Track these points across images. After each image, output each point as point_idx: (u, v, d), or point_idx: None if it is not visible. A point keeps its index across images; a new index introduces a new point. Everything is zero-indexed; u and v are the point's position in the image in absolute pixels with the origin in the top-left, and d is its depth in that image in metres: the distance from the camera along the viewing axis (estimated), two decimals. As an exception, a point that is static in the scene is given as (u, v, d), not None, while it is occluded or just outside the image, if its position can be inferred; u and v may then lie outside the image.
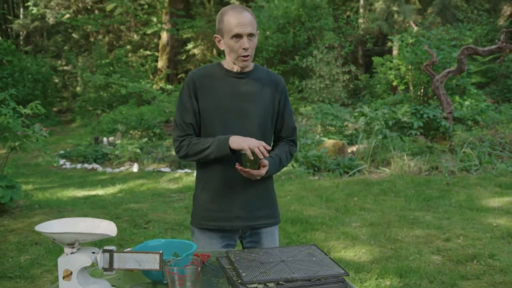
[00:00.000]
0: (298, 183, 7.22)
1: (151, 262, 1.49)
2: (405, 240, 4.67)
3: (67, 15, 20.01)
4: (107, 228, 1.57)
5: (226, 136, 2.05)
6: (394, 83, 11.81)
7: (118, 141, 10.17)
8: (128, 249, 1.68)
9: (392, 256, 4.24)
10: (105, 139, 10.86)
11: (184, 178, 7.98)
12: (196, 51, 20.07)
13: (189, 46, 19.94)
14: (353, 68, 14.99)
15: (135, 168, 8.90)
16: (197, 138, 2.15)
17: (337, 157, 8.21)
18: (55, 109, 19.20)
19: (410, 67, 10.70)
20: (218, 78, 2.18)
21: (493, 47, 9.56)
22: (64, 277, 1.49)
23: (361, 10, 17.70)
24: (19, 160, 9.51)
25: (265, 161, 2.08)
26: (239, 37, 2.07)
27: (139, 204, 6.23)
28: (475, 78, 13.54)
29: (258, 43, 13.83)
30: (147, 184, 7.66)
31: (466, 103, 10.40)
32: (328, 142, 8.59)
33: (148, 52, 21.68)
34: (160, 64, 19.74)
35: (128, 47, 21.29)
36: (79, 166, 9.48)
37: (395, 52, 14.35)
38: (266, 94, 2.22)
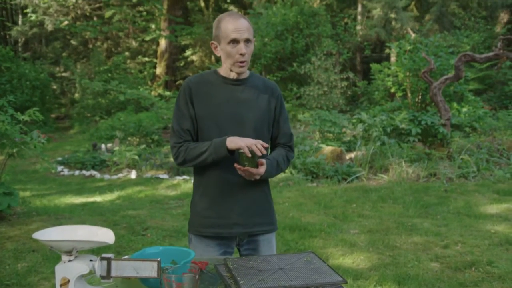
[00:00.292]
0: (296, 190, 7.22)
1: (149, 270, 1.49)
2: (404, 247, 4.66)
3: (66, 22, 20.03)
4: (105, 236, 1.57)
5: (223, 138, 2.06)
6: (392, 90, 11.84)
7: (116, 148, 10.16)
8: (126, 257, 1.67)
9: (391, 263, 4.23)
10: (103, 146, 10.84)
11: (182, 185, 7.97)
12: (195, 58, 20.11)
13: (188, 53, 19.99)
14: (351, 75, 15.03)
15: (133, 175, 8.88)
16: (195, 143, 2.15)
17: (335, 164, 8.21)
18: (53, 116, 19.19)
19: (408, 74, 10.73)
20: (214, 85, 2.19)
21: (491, 54, 9.59)
22: (62, 285, 1.48)
23: (359, 17, 17.77)
24: (17, 167, 9.48)
25: (263, 160, 2.08)
26: (236, 43, 2.09)
27: (137, 211, 6.22)
28: (473, 85, 13.59)
29: (257, 50, 13.89)
30: (145, 191, 7.65)
31: (464, 110, 10.42)
32: (326, 149, 8.60)
33: (147, 59, 21.71)
34: (159, 71, 19.77)
35: (127, 54, 21.32)
36: (77, 173, 9.47)
37: (393, 59, 14.40)
38: (262, 101, 2.23)
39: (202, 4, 21.71)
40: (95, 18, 21.74)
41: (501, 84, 14.48)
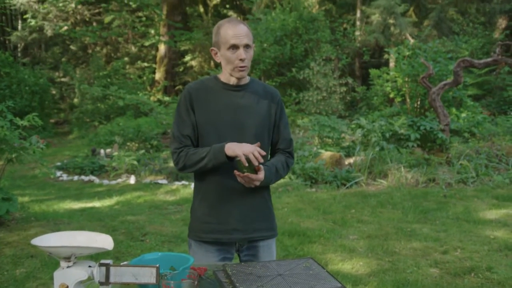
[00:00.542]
0: (296, 195, 7.22)
1: (148, 276, 1.49)
2: (403, 253, 4.66)
3: (65, 27, 20.06)
4: (104, 242, 1.56)
5: (222, 144, 2.07)
6: (391, 95, 11.86)
7: (115, 153, 10.15)
8: (125, 263, 1.67)
9: (390, 269, 4.23)
10: (102, 151, 10.84)
11: (181, 190, 7.96)
12: (194, 63, 20.15)
13: (187, 58, 20.03)
14: (350, 80, 15.06)
15: (132, 180, 8.88)
16: (194, 149, 2.15)
17: (334, 169, 8.21)
18: (53, 121, 19.18)
19: (407, 79, 10.75)
20: (215, 91, 2.20)
21: (489, 60, 9.62)
22: (60, 291, 1.48)
23: (358, 23, 17.83)
24: (16, 172, 9.48)
25: (260, 165, 2.08)
26: (236, 48, 2.10)
27: (136, 217, 6.20)
28: (472, 90, 13.61)
29: (256, 55, 13.91)
30: (144, 196, 7.64)
31: (463, 115, 10.44)
32: (325, 154, 8.60)
33: (146, 64, 21.74)
34: (158, 76, 19.79)
35: (126, 59, 21.34)
36: (76, 178, 9.46)
37: (392, 64, 14.43)
38: (262, 107, 2.23)
39: (202, 10, 21.78)
40: (95, 24, 21.77)
41: (500, 90, 14.51)
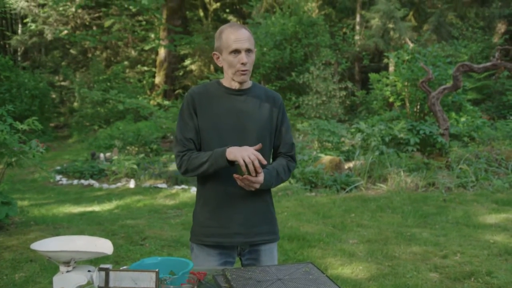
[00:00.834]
0: (295, 200, 7.21)
1: (147, 281, 1.49)
2: (402, 257, 4.65)
3: (65, 31, 20.10)
4: (103, 246, 1.56)
5: (223, 148, 2.07)
6: (391, 100, 11.87)
7: (115, 157, 10.16)
8: (124, 267, 1.67)
9: (389, 273, 4.22)
10: (102, 155, 10.84)
11: (181, 194, 7.96)
12: (194, 67, 20.17)
13: (187, 62, 20.06)
14: (350, 85, 15.09)
15: (132, 184, 8.87)
16: (197, 153, 2.16)
17: (334, 173, 8.21)
18: (52, 125, 19.20)
19: (406, 84, 10.76)
20: (217, 96, 2.21)
21: (488, 64, 9.64)
22: (60, 296, 1.48)
23: (357, 27, 17.87)
24: (15, 176, 9.49)
25: (260, 168, 2.08)
26: (238, 52, 2.12)
27: (136, 221, 6.20)
28: (471, 95, 13.64)
29: (256, 60, 13.89)
30: (144, 200, 7.63)
31: (462, 120, 10.45)
32: (325, 158, 8.60)
33: (146, 68, 21.77)
34: (158, 80, 19.81)
35: (126, 63, 21.38)
36: (76, 182, 9.45)
37: (391, 69, 14.46)
38: (264, 111, 2.24)
39: (201, 14, 21.83)
40: (95, 28, 21.82)
41: (499, 94, 14.53)
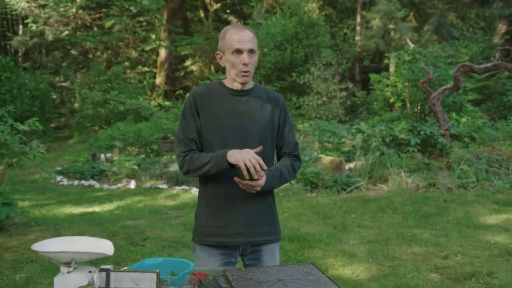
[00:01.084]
0: (296, 200, 7.21)
1: (148, 281, 1.49)
2: (403, 258, 4.65)
3: (66, 32, 20.12)
4: (104, 247, 1.56)
5: (225, 151, 2.08)
6: (391, 100, 11.87)
7: (116, 158, 10.16)
8: (125, 268, 1.67)
9: (390, 274, 4.22)
10: (103, 156, 10.84)
11: (182, 195, 7.96)
12: (194, 68, 20.19)
13: (187, 63, 20.07)
14: (350, 85, 15.09)
15: (133, 185, 8.87)
16: (199, 154, 2.17)
17: (335, 174, 8.21)
18: (53, 125, 19.21)
19: (407, 84, 10.77)
20: (219, 97, 2.21)
21: (489, 65, 9.64)
22: (60, 297, 1.48)
23: (358, 28, 17.87)
24: (16, 177, 9.49)
25: (262, 171, 2.08)
26: (240, 53, 2.13)
27: (136, 221, 6.20)
28: (472, 95, 13.64)
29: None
30: (144, 201, 7.63)
31: (463, 120, 10.45)
32: (326, 159, 8.60)
33: (146, 69, 21.79)
34: (158, 81, 19.82)
35: (127, 64, 21.39)
36: (76, 183, 9.45)
37: (392, 69, 14.46)
38: (266, 111, 2.25)
39: (202, 15, 21.84)
40: (95, 28, 21.84)
41: (500, 95, 14.53)
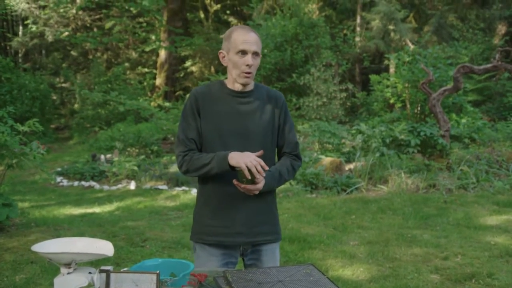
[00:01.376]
0: (296, 201, 7.21)
1: (148, 282, 1.49)
2: (403, 259, 4.65)
3: (66, 33, 20.13)
4: (104, 248, 1.56)
5: (226, 152, 2.08)
6: (391, 101, 11.88)
7: (116, 159, 10.16)
8: (125, 269, 1.67)
9: (390, 275, 4.21)
10: (103, 157, 10.84)
11: (182, 196, 7.96)
12: (194, 69, 20.19)
13: (187, 64, 20.08)
14: (350, 86, 15.09)
15: (133, 186, 8.87)
16: (199, 154, 2.17)
17: (335, 175, 8.21)
18: (53, 126, 19.21)
19: (407, 85, 10.77)
20: (220, 98, 2.21)
21: (489, 66, 9.64)
22: (60, 298, 1.47)
23: (358, 29, 17.88)
24: (16, 178, 9.49)
25: (263, 174, 2.09)
26: (244, 54, 2.13)
27: (136, 222, 6.20)
28: (471, 96, 13.64)
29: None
30: (144, 202, 7.63)
31: (463, 121, 10.45)
32: (326, 160, 8.60)
33: (146, 70, 21.79)
34: (158, 82, 19.82)
35: (127, 65, 21.39)
36: (76, 184, 9.45)
37: (392, 70, 14.47)
38: (267, 112, 2.25)
39: (202, 16, 21.84)
40: (95, 29, 21.86)
41: (500, 96, 14.53)
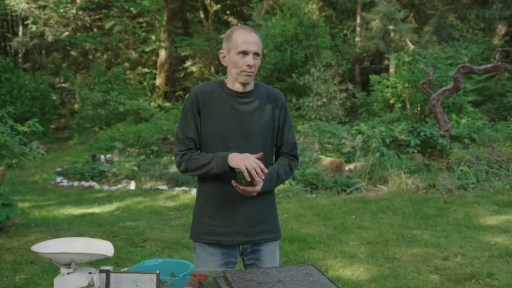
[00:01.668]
0: (296, 201, 7.21)
1: (148, 283, 1.49)
2: (403, 259, 4.65)
3: (66, 33, 20.13)
4: (104, 248, 1.56)
5: (225, 153, 2.08)
6: (391, 101, 11.88)
7: (116, 159, 10.16)
8: (125, 269, 1.67)
9: (390, 275, 4.21)
10: (103, 157, 10.84)
11: (182, 196, 7.96)
12: (194, 69, 20.19)
13: (187, 64, 20.07)
14: (350, 86, 15.08)
15: (132, 186, 8.87)
16: (198, 153, 2.17)
17: (335, 175, 8.21)
18: (53, 126, 19.21)
19: (407, 85, 10.76)
20: (220, 98, 2.21)
21: (489, 66, 9.64)
22: (60, 298, 1.47)
23: (358, 29, 17.87)
24: (16, 178, 9.49)
25: (262, 176, 2.09)
26: (245, 54, 2.13)
27: (136, 222, 6.20)
28: (471, 96, 13.63)
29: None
30: (144, 202, 7.63)
31: (463, 121, 10.45)
32: (326, 160, 8.60)
33: (146, 70, 21.79)
34: (158, 82, 19.82)
35: (126, 65, 21.39)
36: (76, 184, 9.45)
37: (392, 70, 14.45)
38: (267, 112, 2.25)
39: (202, 16, 21.84)
40: (95, 29, 21.85)
41: (500, 96, 14.52)
